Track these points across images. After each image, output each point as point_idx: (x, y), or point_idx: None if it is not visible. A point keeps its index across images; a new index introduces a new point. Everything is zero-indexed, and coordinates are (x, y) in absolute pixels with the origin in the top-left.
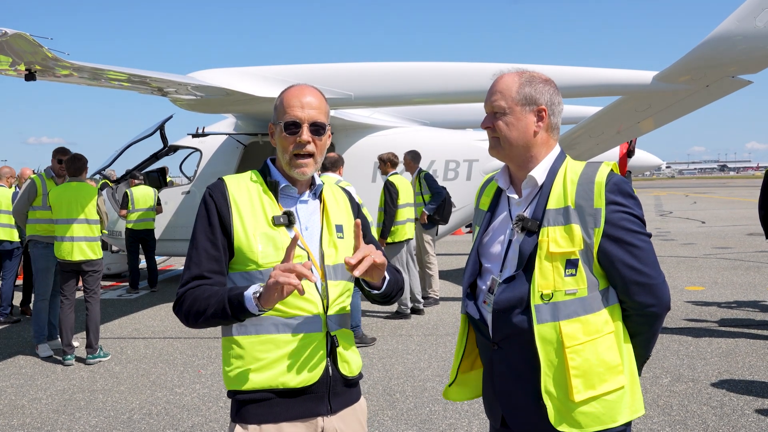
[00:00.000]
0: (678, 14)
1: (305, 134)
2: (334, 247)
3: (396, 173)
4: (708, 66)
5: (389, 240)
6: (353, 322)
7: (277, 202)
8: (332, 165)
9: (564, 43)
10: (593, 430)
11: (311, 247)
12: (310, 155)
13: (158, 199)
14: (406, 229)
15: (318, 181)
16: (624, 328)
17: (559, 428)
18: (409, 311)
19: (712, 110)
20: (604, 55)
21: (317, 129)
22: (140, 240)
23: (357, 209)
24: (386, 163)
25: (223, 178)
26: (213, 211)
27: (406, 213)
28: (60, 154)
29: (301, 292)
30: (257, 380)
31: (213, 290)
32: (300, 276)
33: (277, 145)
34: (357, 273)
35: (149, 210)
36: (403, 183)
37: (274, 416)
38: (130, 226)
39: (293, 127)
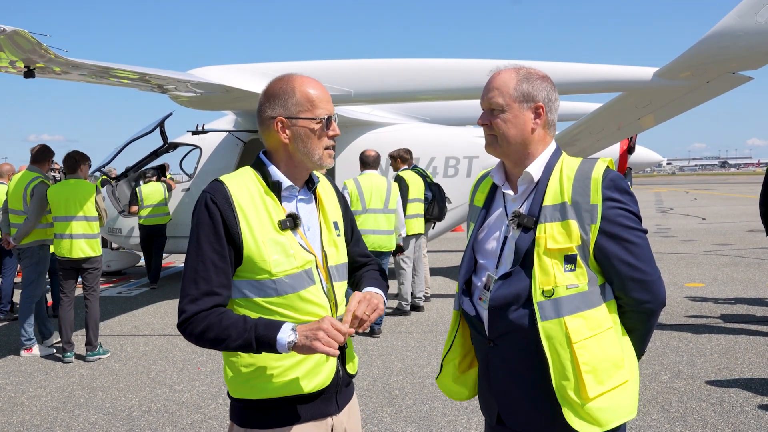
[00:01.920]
0: (679, 11)
1: (336, 127)
2: (335, 245)
3: (406, 168)
4: (709, 62)
5: None
6: (378, 319)
7: (280, 203)
8: (374, 162)
9: (564, 42)
10: (615, 425)
11: (314, 248)
12: None
13: (168, 186)
14: (414, 224)
15: (314, 176)
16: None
17: (577, 428)
18: (408, 308)
19: (713, 107)
20: (604, 54)
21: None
22: (152, 235)
23: (344, 203)
24: (397, 159)
25: (222, 179)
26: (218, 219)
27: (415, 208)
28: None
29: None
30: (272, 388)
31: (231, 319)
32: (340, 342)
33: (300, 140)
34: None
35: (159, 205)
36: (414, 179)
37: (290, 420)
38: (141, 222)
39: (329, 122)
